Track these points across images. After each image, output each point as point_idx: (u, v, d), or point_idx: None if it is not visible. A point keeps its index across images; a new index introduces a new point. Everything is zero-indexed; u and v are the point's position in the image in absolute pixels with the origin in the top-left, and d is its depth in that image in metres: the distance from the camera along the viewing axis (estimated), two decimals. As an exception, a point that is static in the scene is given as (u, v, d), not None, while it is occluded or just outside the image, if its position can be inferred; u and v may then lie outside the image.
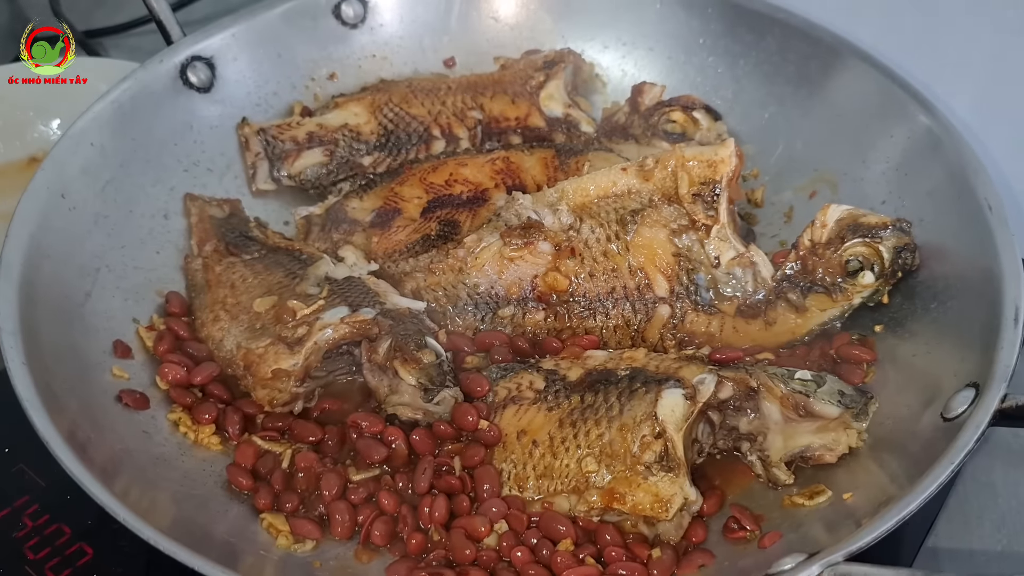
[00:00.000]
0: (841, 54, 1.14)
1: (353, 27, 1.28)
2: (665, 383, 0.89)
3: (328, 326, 0.96)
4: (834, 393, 0.88)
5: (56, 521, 0.97)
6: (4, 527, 0.97)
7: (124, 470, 0.87)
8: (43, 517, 0.98)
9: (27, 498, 0.99)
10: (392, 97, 1.22)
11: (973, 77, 1.11)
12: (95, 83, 1.41)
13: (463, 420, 0.91)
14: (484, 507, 0.87)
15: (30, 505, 0.99)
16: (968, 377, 0.84)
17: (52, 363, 0.89)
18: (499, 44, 1.31)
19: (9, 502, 0.99)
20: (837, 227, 0.98)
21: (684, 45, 1.26)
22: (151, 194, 1.12)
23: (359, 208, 1.14)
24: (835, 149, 1.14)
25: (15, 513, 0.98)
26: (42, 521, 0.98)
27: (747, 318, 1.00)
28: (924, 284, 0.98)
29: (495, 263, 1.02)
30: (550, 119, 1.20)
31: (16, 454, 1.02)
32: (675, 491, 0.84)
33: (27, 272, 0.93)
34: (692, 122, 1.17)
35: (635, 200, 1.02)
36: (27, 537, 0.96)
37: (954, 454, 0.76)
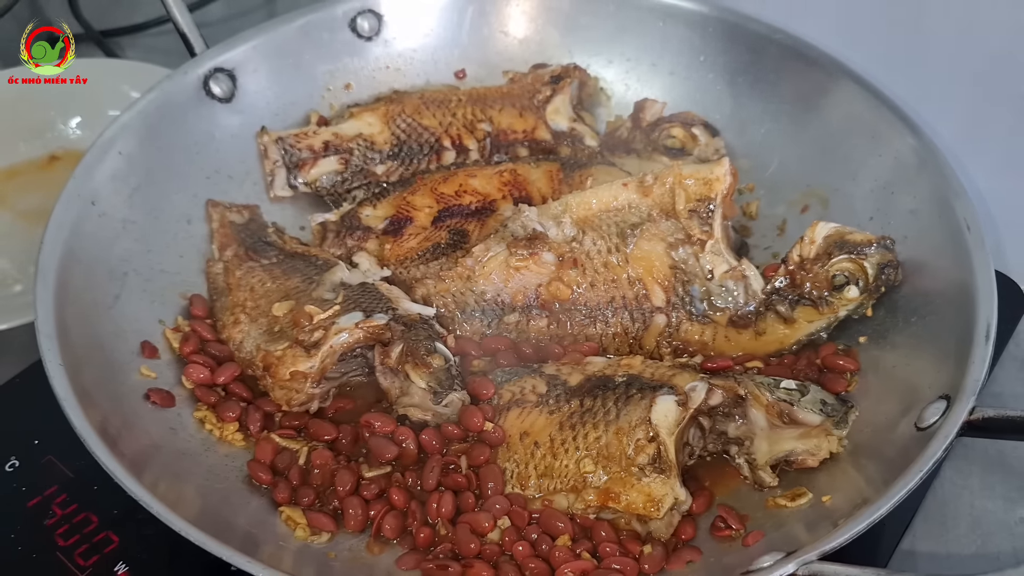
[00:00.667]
0: (834, 75, 1.19)
1: (368, 40, 1.34)
2: (659, 390, 0.95)
3: (343, 331, 1.01)
4: (816, 402, 0.94)
5: (84, 510, 1.02)
6: (36, 514, 1.02)
7: (152, 464, 0.92)
8: (72, 506, 1.03)
9: (56, 487, 1.04)
10: (405, 108, 1.27)
11: (959, 101, 1.17)
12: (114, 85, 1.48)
13: (470, 422, 0.97)
14: (488, 504, 0.93)
15: (59, 494, 1.04)
16: (942, 389, 0.90)
17: (84, 363, 0.94)
18: (508, 57, 1.37)
19: (40, 491, 1.04)
20: (825, 243, 1.04)
21: (685, 62, 1.31)
22: (175, 200, 1.17)
23: (372, 216, 1.20)
24: (827, 166, 1.19)
25: (45, 502, 1.03)
26: (71, 510, 1.02)
27: (738, 328, 1.05)
28: (906, 299, 1.04)
29: (501, 272, 1.08)
30: (556, 132, 1.26)
31: (45, 446, 1.07)
32: (666, 491, 0.90)
33: (61, 276, 0.99)
34: (691, 138, 1.23)
35: (635, 214, 1.08)
36: (57, 524, 1.01)
37: (923, 462, 0.82)
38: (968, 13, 1.13)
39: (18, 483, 1.05)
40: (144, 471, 0.89)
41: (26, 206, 1.40)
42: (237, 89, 1.24)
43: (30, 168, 1.45)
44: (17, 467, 1.06)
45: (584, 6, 1.34)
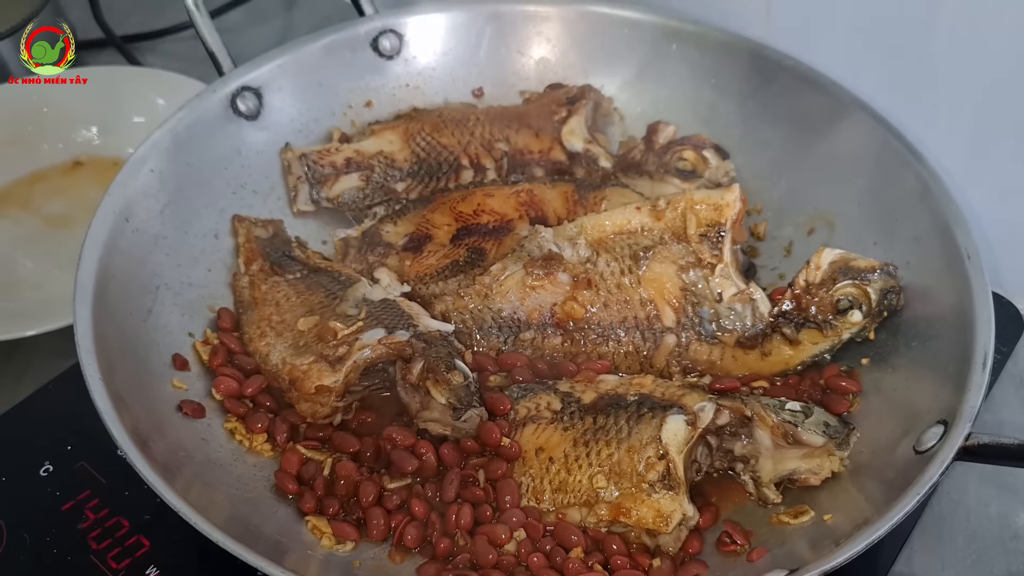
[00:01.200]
0: (842, 103, 1.22)
1: (389, 59, 1.37)
2: (669, 409, 0.99)
3: (366, 346, 1.05)
4: (820, 424, 0.98)
5: (115, 515, 1.06)
6: (70, 518, 1.06)
7: (184, 471, 0.96)
8: (103, 511, 1.07)
9: (88, 492, 1.08)
10: (424, 126, 1.31)
11: (962, 127, 1.20)
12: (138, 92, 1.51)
13: (488, 437, 1.01)
14: (505, 516, 0.97)
15: (91, 499, 1.08)
16: (940, 414, 0.94)
17: (120, 375, 0.98)
18: (524, 77, 1.41)
19: (73, 496, 1.08)
20: (830, 269, 1.08)
21: (696, 85, 1.34)
22: (203, 215, 1.21)
23: (393, 232, 1.24)
24: (833, 190, 1.22)
25: (79, 506, 1.07)
26: (103, 514, 1.07)
27: (745, 349, 1.09)
28: (908, 323, 1.08)
29: (518, 290, 1.12)
30: (571, 153, 1.30)
31: (78, 452, 1.12)
32: (675, 507, 0.94)
33: (98, 292, 1.02)
34: (702, 160, 1.27)
35: (647, 237, 1.12)
36: (91, 528, 1.06)
37: (921, 486, 0.86)
38: (973, 41, 1.16)
39: (52, 488, 1.09)
40: (176, 478, 0.93)
41: (50, 211, 1.45)
42: (263, 107, 1.28)
43: (54, 173, 1.49)
44: (51, 472, 1.11)
45: (599, 28, 1.38)
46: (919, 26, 1.18)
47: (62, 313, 1.16)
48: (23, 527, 1.06)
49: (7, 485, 1.10)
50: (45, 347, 1.23)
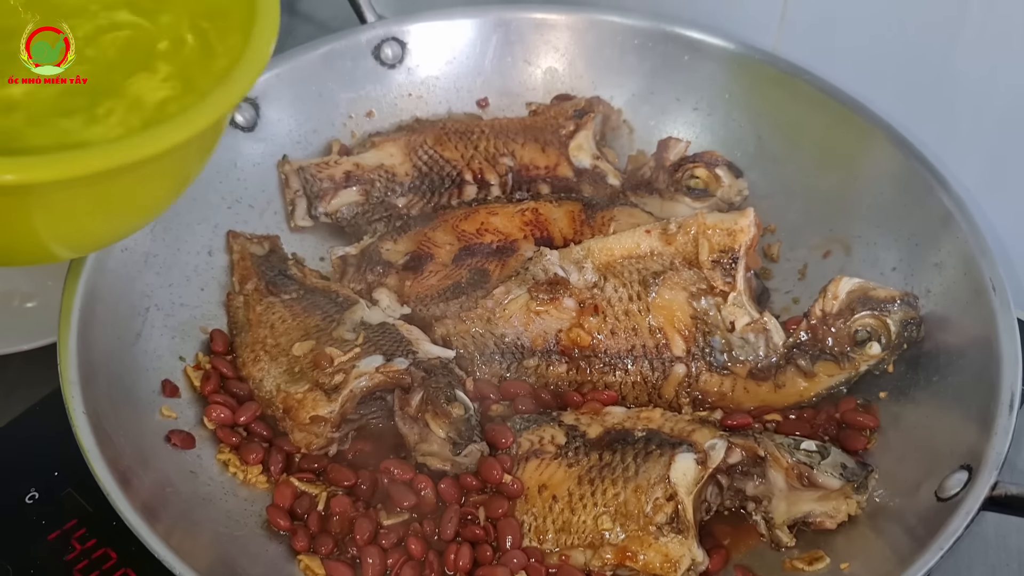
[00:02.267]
0: (862, 121, 1.17)
1: (391, 67, 1.33)
2: (678, 447, 0.95)
3: (363, 375, 1.01)
4: (837, 466, 0.94)
5: (103, 546, 1.02)
6: (56, 549, 1.03)
7: (169, 510, 0.92)
8: (91, 541, 1.03)
9: (75, 521, 1.04)
10: (427, 139, 1.27)
11: (983, 144, 1.16)
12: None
13: (488, 474, 0.97)
14: (506, 557, 0.93)
15: (78, 529, 1.04)
16: (963, 457, 0.90)
17: (107, 408, 0.94)
18: (531, 87, 1.36)
19: (59, 525, 1.04)
20: (848, 299, 1.04)
21: (709, 98, 1.30)
22: (197, 232, 1.17)
23: (393, 250, 1.20)
24: (850, 212, 1.18)
25: (65, 536, 1.03)
26: (90, 545, 1.03)
27: (758, 380, 1.05)
28: (929, 356, 1.03)
29: (522, 315, 1.08)
30: (578, 169, 1.25)
31: (65, 478, 1.07)
32: (684, 552, 0.90)
33: (84, 317, 0.98)
34: (715, 178, 1.22)
35: (657, 262, 1.08)
36: (77, 560, 1.02)
37: (943, 540, 0.82)
38: (995, 60, 1.12)
39: (38, 516, 1.05)
40: (160, 517, 0.89)
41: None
42: (260, 118, 1.24)
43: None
44: (37, 499, 1.07)
45: (609, 38, 1.33)
46: (940, 42, 1.14)
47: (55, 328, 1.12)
48: (6, 557, 1.02)
49: (-12, 512, 1.06)
50: (38, 362, 1.18)
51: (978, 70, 1.13)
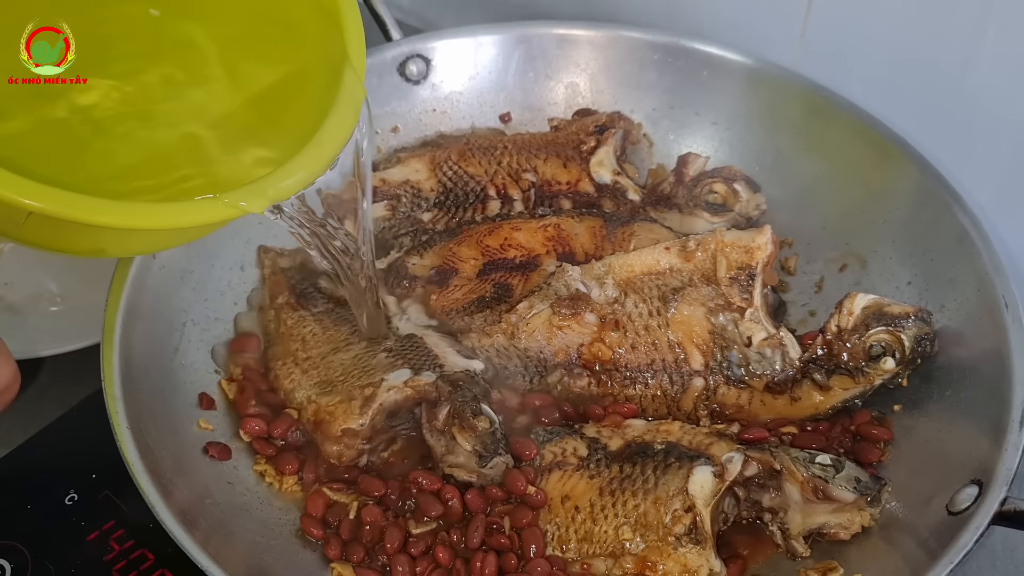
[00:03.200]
0: (880, 139, 1.19)
1: (416, 83, 1.36)
2: (697, 460, 0.98)
3: (392, 388, 1.05)
4: (851, 479, 0.96)
5: (140, 547, 1.06)
6: (95, 549, 1.07)
7: (207, 519, 0.96)
8: (128, 542, 1.07)
9: (113, 523, 1.08)
10: (451, 155, 1.30)
11: (997, 167, 1.17)
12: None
13: (514, 485, 1.00)
14: (530, 566, 0.96)
15: (116, 530, 1.08)
16: (974, 472, 0.92)
17: (148, 420, 0.98)
18: (552, 102, 1.39)
19: (98, 526, 1.08)
20: (863, 314, 1.06)
21: (728, 112, 1.32)
22: (229, 247, 1.21)
23: (419, 265, 1.23)
24: (867, 226, 1.20)
25: (103, 536, 1.08)
26: (128, 546, 1.07)
27: (775, 394, 1.08)
28: (942, 370, 1.06)
29: (544, 330, 1.11)
30: (599, 185, 1.28)
31: (102, 481, 1.11)
32: (702, 562, 0.93)
33: (125, 334, 1.02)
34: (733, 194, 1.25)
35: (676, 279, 1.11)
36: (115, 560, 1.06)
37: (953, 554, 0.85)
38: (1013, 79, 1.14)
39: (77, 517, 1.10)
40: (197, 525, 0.92)
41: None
42: (289, 136, 1.27)
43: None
44: (76, 501, 1.11)
45: (629, 54, 1.35)
46: (958, 61, 1.15)
47: (86, 331, 1.16)
48: (47, 557, 1.06)
49: (31, 513, 1.10)
50: (68, 365, 1.22)
51: (994, 91, 1.15)
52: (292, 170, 0.84)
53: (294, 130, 0.87)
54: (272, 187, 0.83)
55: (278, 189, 0.83)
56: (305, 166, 0.84)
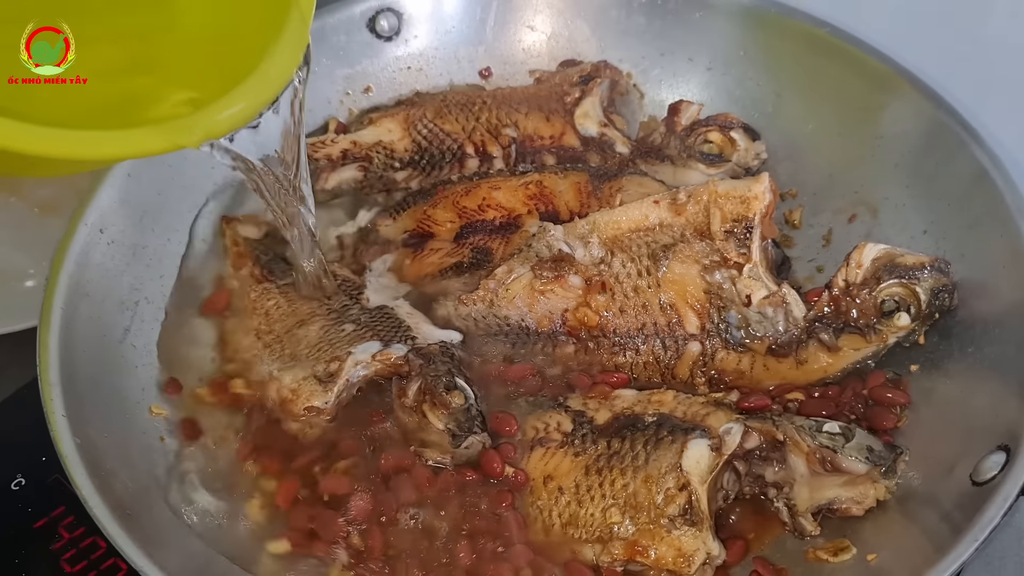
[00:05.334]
0: (888, 74, 1.10)
1: (388, 39, 1.28)
2: (691, 432, 0.89)
3: (360, 363, 0.97)
4: (862, 449, 0.86)
5: (92, 534, 0.99)
6: (42, 537, 1.00)
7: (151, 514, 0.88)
8: (79, 529, 1.00)
9: (63, 508, 1.02)
10: (426, 112, 1.21)
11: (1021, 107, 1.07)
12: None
13: (489, 467, 0.92)
14: (510, 553, 0.88)
15: (66, 516, 1.01)
16: (1001, 437, 0.83)
17: (90, 408, 0.91)
18: (535, 54, 1.30)
19: (46, 512, 1.02)
20: (873, 267, 0.96)
21: (724, 56, 1.23)
22: (188, 220, 1.13)
23: (391, 227, 1.14)
24: (877, 172, 1.11)
25: (52, 523, 1.01)
26: (78, 533, 1.00)
27: (778, 357, 0.98)
28: (962, 325, 0.96)
29: (526, 295, 1.02)
30: (585, 138, 1.19)
31: (53, 464, 1.00)
32: (698, 546, 0.84)
33: (67, 315, 0.95)
34: (730, 142, 1.15)
35: (667, 234, 1.01)
36: (64, 549, 0.99)
37: (979, 530, 0.76)
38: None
39: (24, 503, 1.03)
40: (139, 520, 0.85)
41: (42, 196, 1.36)
42: (251, 98, 1.19)
43: (43, 157, 1.41)
44: (23, 485, 1.04)
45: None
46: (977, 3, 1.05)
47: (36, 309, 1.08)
48: (-12, 546, 1.00)
49: (-28, 500, 1.03)
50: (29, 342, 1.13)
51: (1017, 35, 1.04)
52: (227, 104, 0.78)
53: (235, 72, 0.81)
54: (208, 120, 0.77)
55: (213, 123, 0.77)
56: (241, 100, 0.78)
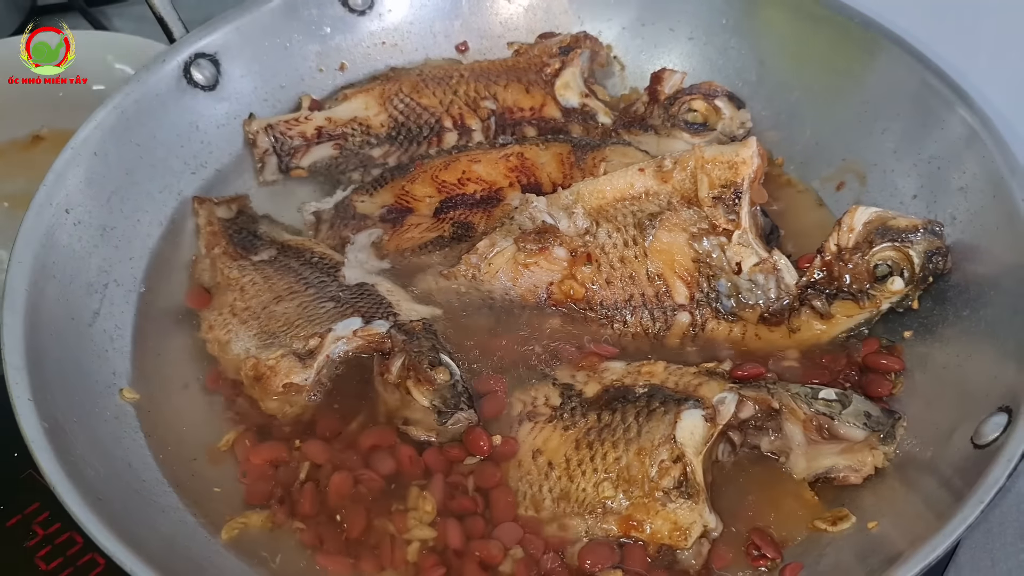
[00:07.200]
0: (874, 38, 1.08)
1: (361, 14, 1.24)
2: (684, 403, 0.86)
3: (340, 339, 0.94)
4: (860, 415, 0.84)
5: (68, 529, 0.97)
6: (16, 535, 0.97)
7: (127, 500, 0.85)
8: (54, 525, 0.98)
9: (37, 505, 0.99)
10: (403, 87, 1.18)
11: (1010, 63, 1.05)
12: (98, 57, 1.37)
13: (474, 444, 0.89)
14: (499, 531, 0.85)
15: (41, 512, 0.98)
16: (1001, 398, 0.81)
17: (58, 393, 0.87)
18: (512, 27, 1.27)
19: (19, 509, 0.99)
20: (865, 231, 0.94)
21: (705, 25, 1.20)
22: (158, 200, 1.09)
23: (368, 203, 1.11)
24: (865, 138, 1.09)
25: (26, 520, 0.98)
26: (53, 529, 0.97)
27: (770, 325, 0.96)
28: (956, 288, 0.94)
29: (509, 270, 0.99)
30: (566, 109, 1.16)
31: (25, 459, 0.97)
32: (694, 519, 0.82)
33: (33, 297, 0.91)
34: (714, 111, 1.13)
35: (653, 203, 0.98)
36: (39, 546, 0.96)
37: (983, 492, 0.74)
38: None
39: (-5, 501, 0.99)
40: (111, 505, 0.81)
41: (12, 189, 1.33)
42: (221, 75, 1.15)
43: (13, 149, 1.37)
44: (-7, 483, 1.00)
45: (594, -33, 1.23)
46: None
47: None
48: (-41, 547, 0.96)
49: (-57, 499, 0.99)
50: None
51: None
52: None
53: None
54: None
55: None
56: None
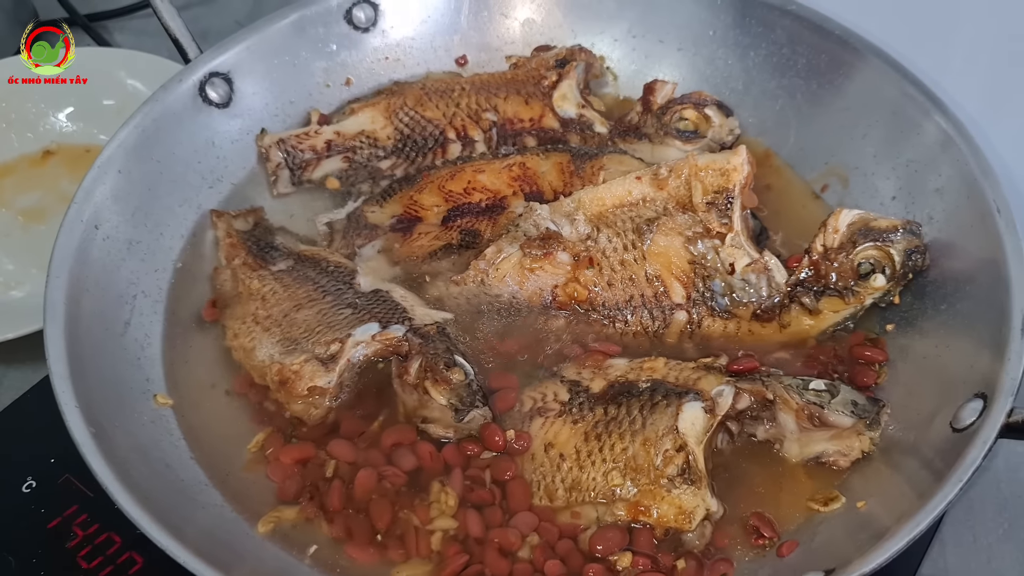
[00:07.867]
0: (851, 48, 1.13)
1: (365, 31, 1.29)
2: (685, 396, 0.93)
3: (360, 343, 0.99)
4: (847, 403, 0.91)
5: (106, 530, 1.01)
6: (57, 536, 1.01)
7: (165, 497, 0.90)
8: (93, 526, 1.02)
9: (76, 507, 1.03)
10: (407, 100, 1.24)
11: (982, 71, 1.12)
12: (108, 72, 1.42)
13: (490, 439, 0.95)
14: (516, 520, 0.91)
15: (79, 515, 1.03)
16: (977, 386, 0.87)
17: (99, 399, 0.92)
18: (509, 40, 1.32)
19: (59, 512, 1.03)
20: (848, 231, 1.01)
21: (694, 37, 1.26)
22: (179, 214, 1.15)
23: (379, 213, 1.17)
24: (846, 143, 1.15)
25: (66, 522, 1.02)
26: (92, 530, 1.02)
27: (762, 321, 1.03)
28: (934, 284, 1.01)
29: (515, 274, 1.05)
30: (564, 120, 1.22)
31: (62, 465, 1.06)
32: (698, 503, 0.88)
33: (70, 309, 0.96)
34: (704, 119, 1.19)
35: (650, 209, 1.05)
36: (80, 546, 1.01)
37: (962, 471, 0.80)
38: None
39: (36, 504, 1.04)
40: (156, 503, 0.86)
41: (24, 204, 1.38)
42: (234, 92, 1.20)
43: (24, 164, 1.41)
44: (34, 488, 1.05)
45: (586, -18, 1.29)
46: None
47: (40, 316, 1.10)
48: (6, 549, 1.01)
49: (-14, 505, 1.04)
50: (23, 349, 1.15)
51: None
52: None
53: None
54: None
55: None
56: None
